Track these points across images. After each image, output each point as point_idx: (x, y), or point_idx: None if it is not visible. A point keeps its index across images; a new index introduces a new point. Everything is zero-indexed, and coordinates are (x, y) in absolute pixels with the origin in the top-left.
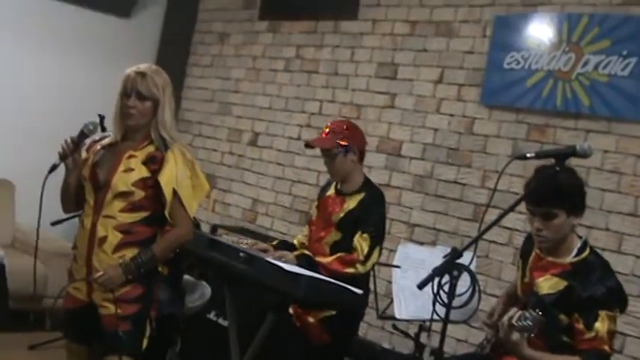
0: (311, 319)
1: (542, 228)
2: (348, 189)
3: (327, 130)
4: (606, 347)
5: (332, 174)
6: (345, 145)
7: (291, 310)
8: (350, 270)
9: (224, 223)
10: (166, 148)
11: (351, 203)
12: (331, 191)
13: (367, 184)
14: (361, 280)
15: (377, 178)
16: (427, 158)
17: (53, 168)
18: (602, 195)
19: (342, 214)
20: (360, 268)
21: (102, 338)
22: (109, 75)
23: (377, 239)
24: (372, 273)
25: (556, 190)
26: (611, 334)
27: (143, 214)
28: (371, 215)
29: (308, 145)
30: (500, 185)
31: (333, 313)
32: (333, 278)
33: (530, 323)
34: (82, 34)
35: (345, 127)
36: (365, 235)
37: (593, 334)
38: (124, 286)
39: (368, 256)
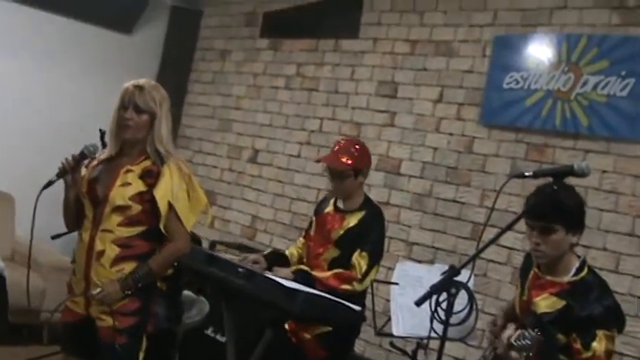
0: (307, 335)
1: (541, 243)
2: (349, 207)
3: (338, 148)
4: None
5: (336, 192)
6: (357, 169)
7: (287, 326)
8: (346, 287)
9: (223, 239)
10: (162, 162)
11: (352, 221)
12: (330, 208)
13: (367, 202)
14: (358, 296)
15: (376, 196)
16: (426, 177)
17: (49, 184)
18: (600, 215)
19: (341, 232)
20: (357, 286)
21: (99, 352)
22: (110, 91)
23: (375, 258)
24: (369, 290)
25: (556, 206)
26: (609, 353)
27: (140, 228)
28: (371, 234)
29: (319, 161)
30: (499, 204)
31: (329, 329)
32: (329, 294)
33: (529, 342)
34: (85, 49)
35: (357, 147)
36: (364, 254)
37: (590, 353)
38: (121, 300)
39: (366, 274)
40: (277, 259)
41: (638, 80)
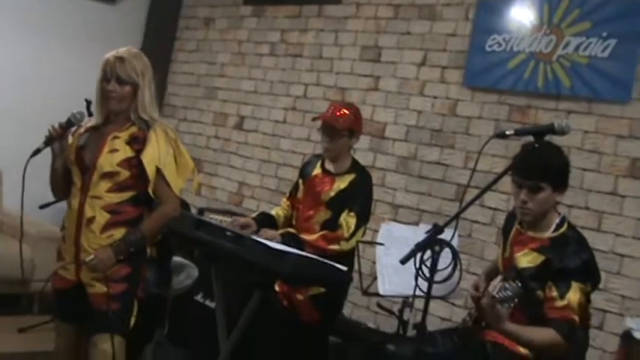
0: (300, 297)
1: (528, 200)
2: (338, 169)
3: (335, 109)
4: (576, 317)
5: (328, 151)
6: (353, 129)
7: (277, 289)
8: (334, 247)
9: (211, 206)
10: (149, 128)
11: (342, 183)
12: (317, 170)
13: (357, 165)
14: (345, 258)
15: (361, 159)
16: (411, 140)
17: (36, 152)
18: (582, 174)
19: (332, 194)
20: (344, 245)
21: (90, 317)
22: (95, 61)
23: (363, 219)
24: (356, 252)
25: (545, 165)
26: (581, 306)
27: (130, 194)
28: (359, 195)
29: (318, 118)
30: (483, 166)
31: (322, 290)
32: (318, 255)
33: (510, 293)
34: (68, 20)
35: (353, 111)
36: (352, 214)
37: (565, 302)
38: (113, 266)
39: (353, 234)
40: (266, 220)
41: (619, 41)
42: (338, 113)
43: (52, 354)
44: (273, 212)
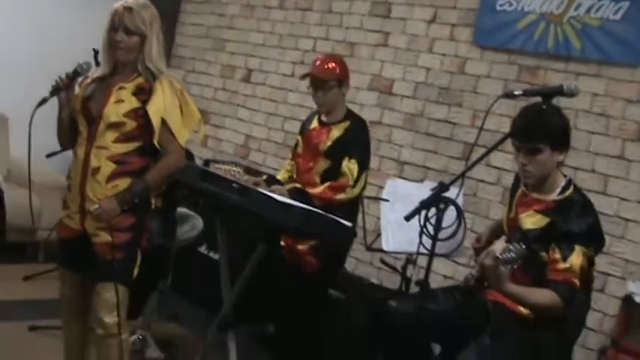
0: (300, 247)
1: (527, 163)
2: (333, 119)
3: (321, 62)
4: (576, 281)
5: (321, 104)
6: (340, 79)
7: (282, 243)
8: (341, 195)
9: (217, 158)
10: (155, 79)
11: (337, 132)
12: (314, 124)
13: (350, 113)
14: (349, 213)
15: (368, 115)
16: (418, 97)
17: (43, 101)
18: (589, 137)
19: (329, 143)
20: (350, 193)
21: (94, 267)
22: (102, 9)
23: (364, 163)
24: (360, 208)
25: (541, 126)
26: (583, 269)
27: (136, 144)
28: (357, 141)
29: (307, 75)
30: (490, 125)
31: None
32: (326, 205)
33: (514, 255)
34: None
35: (338, 61)
36: (353, 160)
37: (567, 265)
38: (118, 216)
39: (357, 180)
40: (274, 183)
41: (631, 4)
42: (324, 66)
43: (57, 302)
44: (280, 177)
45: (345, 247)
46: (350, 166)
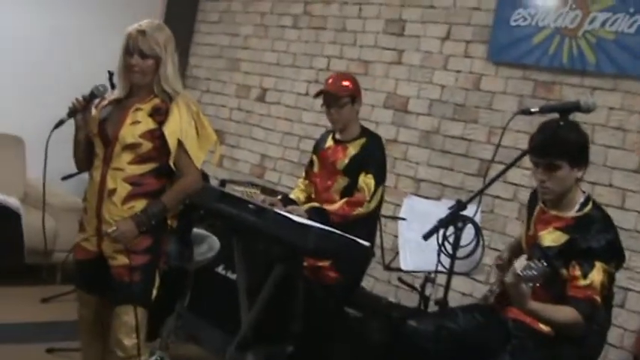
0: (322, 263)
1: (546, 180)
2: (348, 137)
3: (333, 80)
4: (598, 298)
5: (335, 122)
6: (354, 95)
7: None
8: (359, 210)
9: (232, 178)
10: (171, 100)
11: (353, 149)
12: (329, 142)
13: (365, 130)
14: (368, 233)
15: (384, 133)
16: (434, 114)
17: (59, 123)
18: (606, 152)
19: (346, 161)
20: (367, 207)
21: (112, 288)
22: (117, 32)
23: (380, 178)
24: (378, 226)
25: (559, 142)
26: (603, 286)
27: (152, 166)
28: (373, 157)
29: (321, 93)
30: (506, 141)
31: None
32: (345, 222)
33: (536, 273)
34: None
35: (350, 79)
36: (369, 175)
37: (587, 282)
38: (135, 238)
39: (373, 194)
40: (289, 203)
41: None
42: (337, 83)
43: (75, 324)
44: (293, 196)
45: (363, 266)
46: (366, 180)
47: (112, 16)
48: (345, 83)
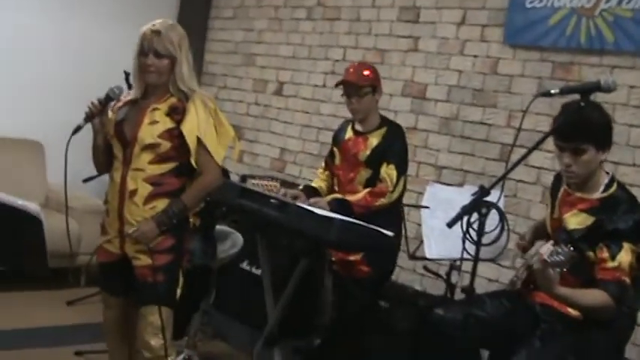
0: (353, 257)
1: (572, 164)
2: (368, 127)
3: (354, 69)
4: (627, 279)
5: (356, 112)
6: (374, 84)
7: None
8: (381, 201)
9: (253, 173)
10: (187, 99)
11: (374, 140)
12: (349, 134)
13: (385, 120)
14: (393, 222)
15: (403, 121)
16: (452, 100)
17: (77, 129)
18: (629, 130)
19: (368, 152)
20: (390, 198)
21: (137, 289)
22: (131, 33)
23: (402, 168)
24: (402, 215)
25: (586, 126)
26: (631, 266)
27: (171, 165)
28: (394, 146)
29: (341, 83)
30: (527, 124)
31: None
32: (368, 213)
33: (563, 258)
34: None
35: (370, 68)
36: (391, 165)
37: (616, 263)
38: (157, 237)
39: (396, 185)
40: (312, 193)
41: None
42: (358, 72)
43: (101, 326)
44: (315, 185)
45: (393, 257)
46: (388, 171)
47: (127, 19)
48: (366, 73)
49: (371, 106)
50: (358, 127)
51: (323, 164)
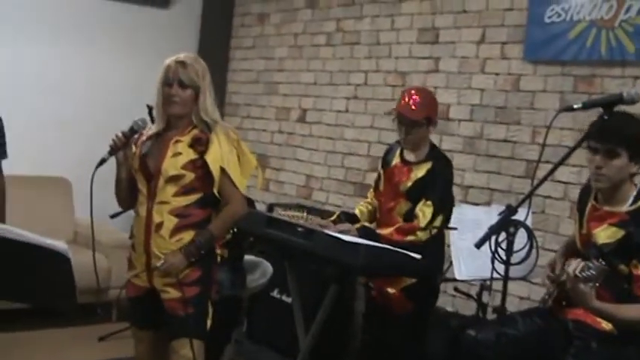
0: (391, 290)
1: (603, 166)
2: (416, 158)
3: (414, 99)
4: None
5: (407, 142)
6: (430, 118)
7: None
8: (411, 238)
9: (280, 201)
10: (210, 130)
11: (419, 172)
12: (396, 160)
13: (434, 152)
14: (431, 247)
15: None
16: (475, 119)
17: (102, 162)
18: None
19: (409, 184)
20: (421, 235)
21: (167, 323)
22: (153, 66)
23: (441, 207)
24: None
25: (623, 130)
26: None
27: (196, 196)
28: (437, 183)
29: (392, 111)
30: (551, 140)
31: (414, 281)
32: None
33: (594, 272)
34: (123, 28)
35: (430, 97)
36: (428, 203)
37: None
38: (185, 269)
39: (429, 223)
40: (346, 219)
41: None
42: (412, 103)
43: None
44: (356, 211)
45: (435, 282)
46: (424, 208)
47: (148, 51)
48: (420, 105)
49: (422, 138)
50: (407, 155)
51: (373, 185)
